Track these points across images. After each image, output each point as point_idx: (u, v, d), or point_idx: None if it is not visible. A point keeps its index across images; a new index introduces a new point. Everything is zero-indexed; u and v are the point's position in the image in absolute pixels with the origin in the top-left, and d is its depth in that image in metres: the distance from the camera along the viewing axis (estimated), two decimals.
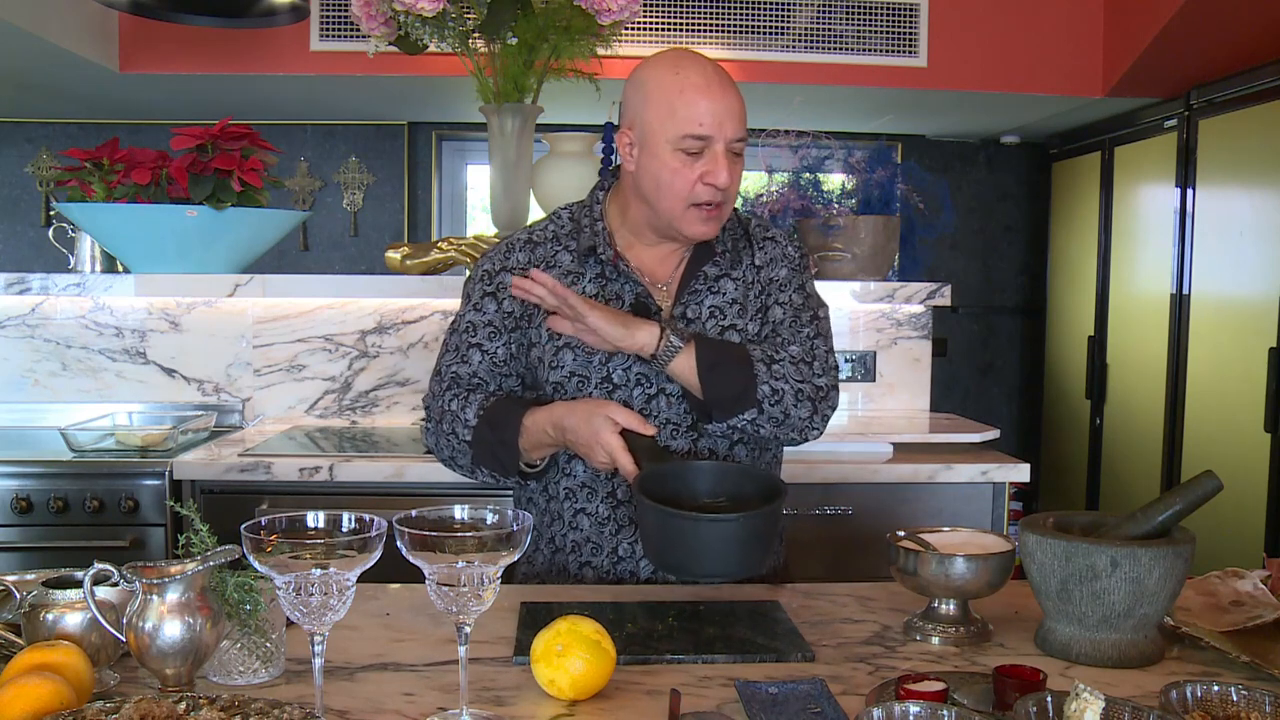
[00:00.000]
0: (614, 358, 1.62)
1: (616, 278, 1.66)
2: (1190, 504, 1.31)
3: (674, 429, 1.64)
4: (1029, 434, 5.44)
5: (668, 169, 1.58)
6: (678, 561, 1.43)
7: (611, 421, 1.51)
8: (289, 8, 2.99)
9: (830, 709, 1.14)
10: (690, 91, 1.56)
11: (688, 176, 1.57)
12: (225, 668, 1.23)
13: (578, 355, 1.63)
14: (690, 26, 3.96)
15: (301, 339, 2.99)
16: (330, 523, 1.16)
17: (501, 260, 1.70)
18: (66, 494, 2.40)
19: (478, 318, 1.68)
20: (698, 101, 1.56)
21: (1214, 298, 3.84)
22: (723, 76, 1.60)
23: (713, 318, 1.66)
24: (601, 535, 1.66)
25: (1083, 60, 4.14)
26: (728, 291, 1.68)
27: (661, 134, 1.58)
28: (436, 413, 1.69)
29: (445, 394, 1.68)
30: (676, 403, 1.63)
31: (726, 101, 1.57)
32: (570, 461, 1.66)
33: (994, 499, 2.54)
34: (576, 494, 1.67)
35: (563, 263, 1.68)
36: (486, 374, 1.68)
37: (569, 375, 1.63)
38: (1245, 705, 1.09)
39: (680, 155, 1.57)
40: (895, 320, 3.05)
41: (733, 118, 1.58)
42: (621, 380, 1.63)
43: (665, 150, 1.58)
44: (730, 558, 1.39)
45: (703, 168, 1.57)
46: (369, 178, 5.27)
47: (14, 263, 5.08)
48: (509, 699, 1.20)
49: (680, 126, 1.56)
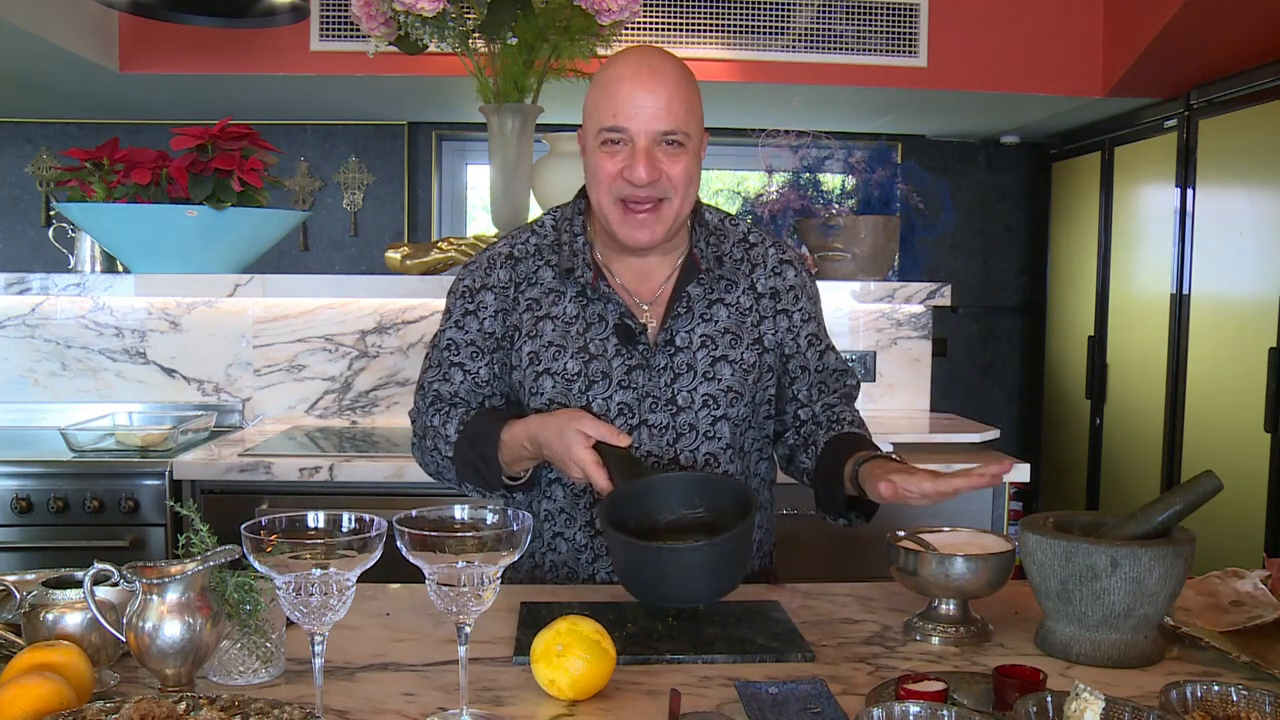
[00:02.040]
0: (595, 385, 1.57)
1: (597, 298, 1.60)
2: (1190, 504, 1.31)
3: (655, 461, 1.58)
4: (1029, 434, 5.44)
5: (593, 163, 1.54)
6: (648, 588, 1.40)
7: (583, 435, 1.44)
8: (289, 8, 2.99)
9: (830, 709, 1.14)
10: (615, 83, 1.51)
11: (610, 170, 1.52)
12: (225, 668, 1.23)
13: (557, 383, 1.58)
14: (690, 26, 3.96)
15: (301, 339, 2.99)
16: (330, 523, 1.16)
17: (482, 278, 1.64)
18: (66, 494, 2.40)
19: (459, 336, 1.64)
20: (618, 93, 1.50)
21: (1214, 298, 3.84)
22: (657, 68, 1.51)
23: (704, 347, 1.60)
24: (578, 562, 1.63)
25: (1083, 60, 4.14)
26: (720, 319, 1.61)
27: (590, 127, 1.55)
28: (420, 429, 1.66)
29: (429, 410, 1.65)
30: (659, 434, 1.58)
31: (652, 92, 1.49)
32: (550, 485, 1.63)
33: (994, 499, 2.53)
34: (555, 517, 1.64)
35: (544, 280, 1.62)
36: (468, 393, 1.64)
37: (548, 403, 1.58)
38: (1245, 705, 1.09)
39: (606, 148, 1.52)
40: (895, 320, 3.05)
41: (656, 110, 1.49)
42: (602, 409, 1.57)
43: (593, 144, 1.54)
44: (699, 584, 1.36)
45: (623, 162, 1.51)
46: (369, 178, 5.27)
47: (14, 263, 5.08)
48: (509, 699, 1.20)
49: (600, 119, 1.52)
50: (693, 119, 1.53)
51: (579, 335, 1.59)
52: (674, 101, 1.51)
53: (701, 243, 1.63)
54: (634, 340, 1.58)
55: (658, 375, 1.58)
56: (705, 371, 1.59)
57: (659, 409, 1.58)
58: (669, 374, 1.59)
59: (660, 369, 1.58)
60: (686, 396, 1.59)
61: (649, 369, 1.58)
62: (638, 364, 1.58)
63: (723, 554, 1.35)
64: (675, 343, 1.59)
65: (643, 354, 1.58)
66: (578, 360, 1.58)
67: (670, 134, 1.51)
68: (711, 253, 1.63)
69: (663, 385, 1.58)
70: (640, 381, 1.58)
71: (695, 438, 1.59)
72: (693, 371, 1.59)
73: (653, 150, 1.51)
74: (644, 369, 1.58)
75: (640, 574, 1.39)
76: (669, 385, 1.58)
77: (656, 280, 1.63)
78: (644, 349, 1.59)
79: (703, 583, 1.36)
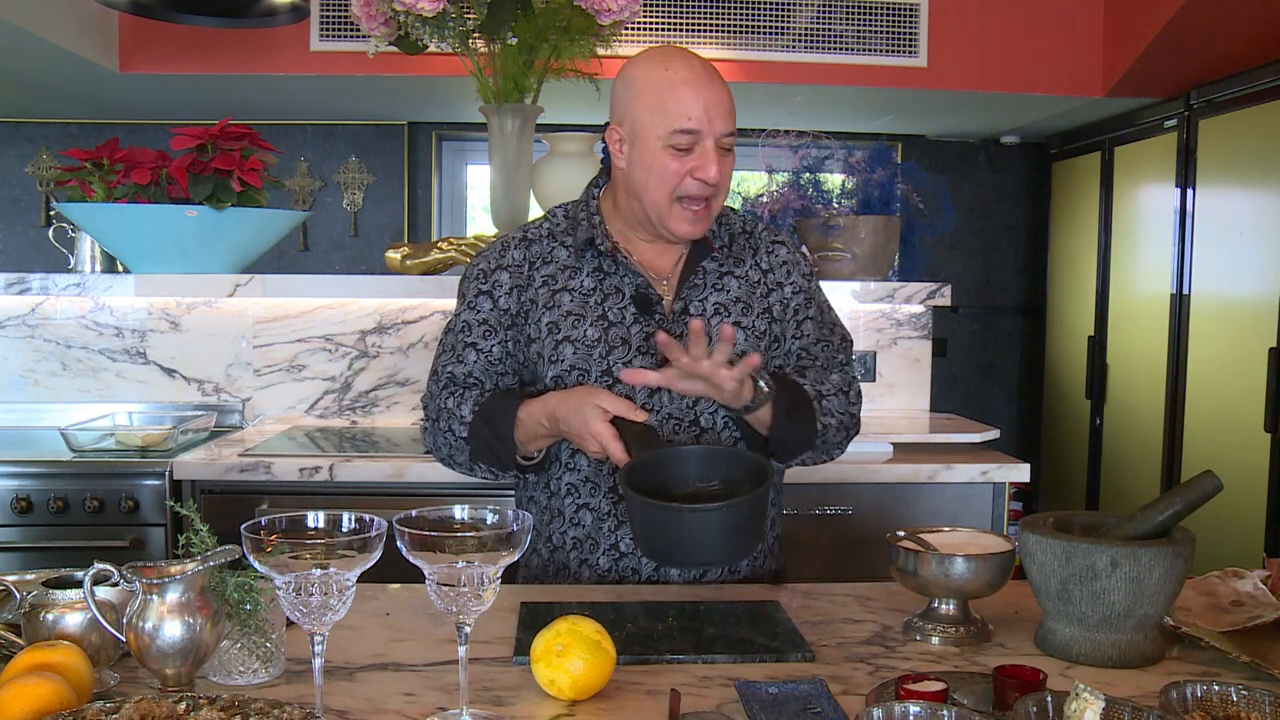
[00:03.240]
0: (614, 350, 1.62)
1: (615, 270, 1.66)
2: (1190, 504, 1.31)
3: (676, 424, 1.63)
4: (1029, 434, 5.44)
5: (658, 164, 1.58)
6: (666, 551, 1.43)
7: (601, 410, 1.49)
8: (289, 8, 2.99)
9: (830, 709, 1.14)
10: (680, 86, 1.57)
11: (677, 171, 1.58)
12: (225, 668, 1.23)
13: (578, 349, 1.62)
14: (690, 26, 3.96)
15: (301, 339, 2.99)
16: (330, 523, 1.16)
17: (497, 259, 1.70)
18: (66, 494, 2.40)
19: (472, 316, 1.69)
20: (687, 96, 1.56)
21: (1214, 298, 3.84)
22: (711, 72, 1.60)
23: (716, 314, 1.66)
24: (601, 531, 1.66)
25: (1083, 60, 4.14)
26: (731, 289, 1.68)
27: (652, 130, 1.58)
28: (434, 411, 1.69)
29: (442, 393, 1.69)
30: (678, 396, 1.62)
31: (716, 96, 1.57)
32: (574, 456, 1.66)
33: (994, 499, 2.54)
34: (579, 489, 1.67)
35: (559, 258, 1.68)
36: (482, 373, 1.68)
37: (569, 369, 1.63)
38: (1245, 705, 1.09)
39: (671, 150, 1.57)
40: (895, 320, 3.05)
41: (722, 112, 1.58)
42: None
43: (656, 145, 1.58)
44: (717, 546, 1.39)
45: (693, 162, 1.57)
46: (369, 178, 5.27)
47: (14, 263, 5.08)
48: (509, 699, 1.20)
49: (671, 121, 1.57)
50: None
51: (598, 305, 1.65)
52: (732, 104, 1.61)
53: (715, 225, 1.69)
54: (651, 309, 1.64)
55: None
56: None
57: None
58: (686, 340, 1.60)
59: (678, 336, 1.62)
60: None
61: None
62: (655, 331, 1.61)
63: (741, 517, 1.38)
64: (690, 311, 1.65)
65: (659, 322, 1.64)
66: (597, 328, 1.63)
67: (729, 135, 1.60)
68: (725, 233, 1.71)
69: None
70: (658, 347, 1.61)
71: (713, 400, 1.62)
72: (709, 337, 1.61)
73: (716, 150, 1.58)
74: None
75: (659, 537, 1.41)
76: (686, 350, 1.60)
77: (670, 259, 1.70)
78: (660, 318, 1.64)
79: (721, 545, 1.39)
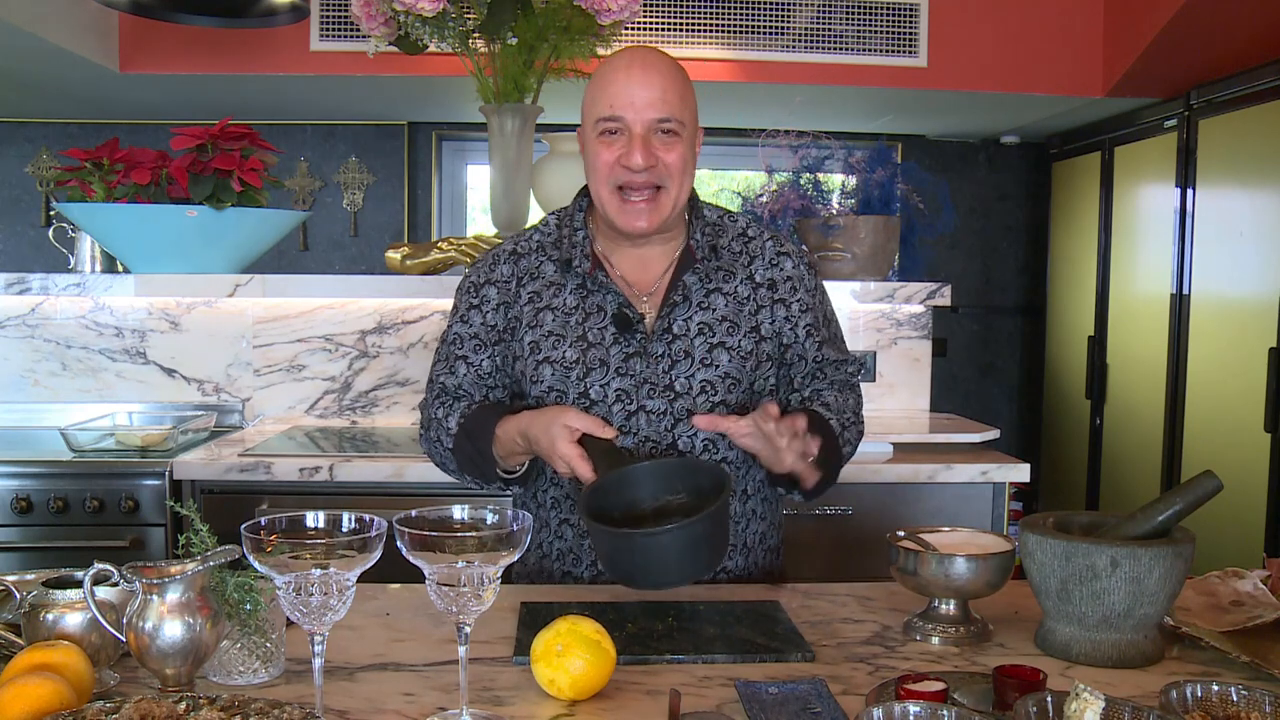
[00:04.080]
0: (592, 372, 1.61)
1: (596, 289, 1.64)
2: (1190, 504, 1.31)
3: (654, 446, 1.61)
4: (1029, 434, 5.44)
5: (592, 153, 1.59)
6: (628, 574, 1.42)
7: (568, 430, 1.48)
8: (289, 8, 2.99)
9: (830, 709, 1.14)
10: (609, 74, 1.58)
11: (608, 160, 1.57)
12: (225, 668, 1.23)
13: (556, 370, 1.62)
14: (690, 26, 3.96)
15: (301, 339, 2.99)
16: (330, 523, 1.16)
17: (486, 273, 1.70)
18: (66, 494, 2.40)
19: (464, 330, 1.69)
20: (613, 84, 1.57)
21: (1214, 298, 3.84)
22: (655, 63, 1.58)
23: (700, 334, 1.63)
24: (583, 547, 1.66)
25: (1083, 60, 4.13)
26: (718, 307, 1.64)
27: (588, 121, 1.60)
28: (426, 419, 1.72)
29: (434, 402, 1.70)
30: (656, 420, 1.60)
31: (645, 82, 1.55)
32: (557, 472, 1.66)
33: (994, 499, 2.54)
34: (561, 504, 1.68)
35: (546, 274, 1.67)
36: (471, 386, 1.69)
37: (548, 390, 1.62)
38: (1245, 705, 1.09)
39: (602, 139, 1.58)
40: (895, 320, 3.05)
41: (650, 98, 1.55)
42: (599, 396, 1.60)
43: (591, 135, 1.60)
44: (674, 566, 1.38)
45: (619, 149, 1.57)
46: (369, 178, 5.27)
47: (14, 263, 5.08)
48: (509, 699, 1.20)
49: (596, 109, 1.58)
50: (686, 109, 1.60)
51: (578, 325, 1.63)
52: (668, 91, 1.57)
53: (698, 234, 1.67)
54: (631, 329, 1.62)
55: (655, 362, 1.61)
56: (703, 358, 1.62)
57: (656, 395, 1.61)
58: (666, 360, 1.62)
59: (658, 356, 1.61)
60: (684, 383, 1.61)
61: (646, 356, 1.61)
62: (635, 352, 1.61)
63: (696, 535, 1.36)
64: (673, 330, 1.63)
65: (640, 342, 1.62)
66: (576, 349, 1.62)
67: (665, 121, 1.57)
68: (707, 243, 1.67)
69: (660, 372, 1.61)
70: (637, 369, 1.61)
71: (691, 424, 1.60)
72: (690, 358, 1.62)
73: (649, 138, 1.56)
74: (641, 356, 1.61)
75: (620, 561, 1.41)
76: (666, 372, 1.61)
77: (655, 271, 1.67)
78: (641, 337, 1.62)
79: (679, 563, 1.38)
